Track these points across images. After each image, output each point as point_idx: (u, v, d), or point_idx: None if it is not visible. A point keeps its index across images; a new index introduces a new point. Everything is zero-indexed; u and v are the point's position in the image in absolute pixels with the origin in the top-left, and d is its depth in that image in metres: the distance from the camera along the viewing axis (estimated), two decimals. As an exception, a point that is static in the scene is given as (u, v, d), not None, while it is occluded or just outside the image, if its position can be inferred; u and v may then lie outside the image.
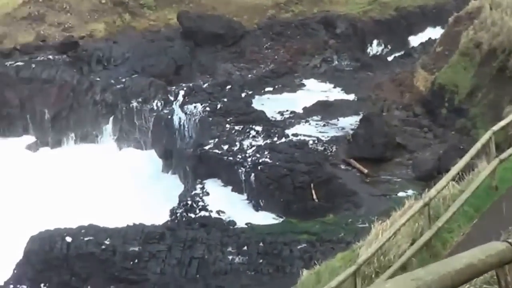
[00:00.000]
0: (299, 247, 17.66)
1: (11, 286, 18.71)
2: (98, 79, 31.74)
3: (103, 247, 18.86)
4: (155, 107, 29.79)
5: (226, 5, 35.17)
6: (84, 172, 28.08)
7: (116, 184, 26.73)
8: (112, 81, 31.50)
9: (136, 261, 18.56)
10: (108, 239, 19.06)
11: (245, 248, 18.17)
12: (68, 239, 19.09)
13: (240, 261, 17.91)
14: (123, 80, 31.41)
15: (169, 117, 27.81)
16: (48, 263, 18.76)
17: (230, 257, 18.06)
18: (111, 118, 30.77)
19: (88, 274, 18.54)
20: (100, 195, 25.42)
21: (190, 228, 19.40)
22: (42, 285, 18.63)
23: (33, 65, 32.11)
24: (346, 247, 12.43)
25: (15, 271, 19.02)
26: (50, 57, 33.27)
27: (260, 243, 18.19)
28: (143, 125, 29.99)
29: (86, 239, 19.11)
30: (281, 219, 20.19)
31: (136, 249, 18.73)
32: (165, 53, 32.81)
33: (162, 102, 29.75)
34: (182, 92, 28.11)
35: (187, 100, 27.47)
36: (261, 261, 17.67)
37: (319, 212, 19.63)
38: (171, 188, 26.01)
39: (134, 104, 30.27)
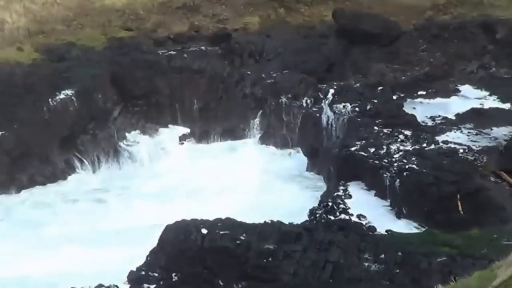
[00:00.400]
0: (438, 259, 16.94)
1: (143, 272, 18.85)
2: (249, 72, 31.79)
3: (238, 242, 18.68)
4: (304, 104, 29.58)
5: (382, 4, 34.46)
6: (228, 165, 28.28)
7: (258, 179, 26.78)
8: (263, 75, 31.49)
9: (270, 259, 18.29)
10: (244, 235, 18.87)
11: (383, 256, 17.59)
12: (204, 231, 19.01)
13: (376, 268, 17.37)
14: (274, 75, 31.35)
15: (318, 115, 27.50)
16: (181, 253, 18.77)
17: (366, 264, 17.54)
18: (259, 113, 30.78)
19: (220, 268, 18.42)
20: (240, 190, 25.54)
21: (328, 231, 18.97)
22: (173, 274, 18.63)
23: (185, 55, 32.51)
24: (487, 265, 11.75)
25: (149, 258, 19.16)
26: (203, 48, 33.61)
27: (399, 252, 17.57)
28: (291, 121, 29.85)
29: (221, 232, 18.98)
30: (423, 229, 19.52)
31: (271, 247, 18.45)
32: (318, 50, 32.51)
33: (312, 99, 29.50)
34: (332, 91, 27.74)
35: (336, 99, 27.07)
36: (397, 271, 17.06)
37: (463, 225, 18.81)
38: (313, 187, 25.81)
39: (284, 99, 30.17)
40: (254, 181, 26.40)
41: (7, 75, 30.43)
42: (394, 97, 27.40)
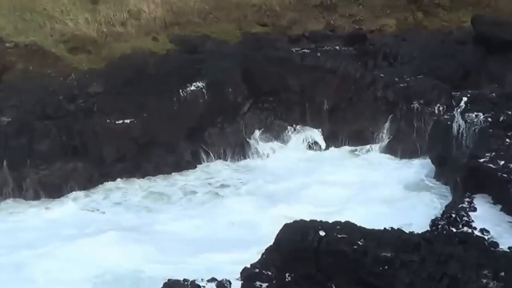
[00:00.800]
0: (563, 281, 16.39)
1: (257, 270, 18.87)
2: (382, 75, 31.46)
3: (355, 247, 18.49)
4: (436, 111, 29.12)
5: (525, 12, 33.65)
6: (353, 169, 28.16)
7: (384, 185, 26.51)
8: (396, 79, 31.10)
9: (386, 267, 18.05)
10: (362, 240, 18.66)
11: (502, 273, 17.12)
12: (322, 233, 18.92)
13: (493, 286, 16.87)
14: (407, 79, 30.92)
15: (449, 123, 26.92)
16: (297, 253, 18.69)
17: (484, 281, 17.04)
18: (389, 117, 30.45)
19: (334, 272, 18.28)
20: (364, 196, 25.34)
21: (448, 243, 18.55)
22: (287, 274, 18.56)
23: (319, 54, 32.46)
24: None
25: (264, 256, 19.19)
26: (337, 47, 33.47)
27: (520, 270, 17.07)
28: (421, 127, 29.42)
29: (339, 236, 18.85)
30: (550, 248, 18.87)
31: (388, 255, 18.20)
32: (454, 57, 31.87)
33: (444, 106, 29.00)
34: (465, 99, 27.08)
35: (469, 107, 26.41)
36: (517, 290, 16.60)
37: None
38: (439, 197, 25.31)
39: (415, 105, 29.75)
40: (379, 188, 26.10)
41: (141, 64, 31.16)
42: (530, 110, 26.50)
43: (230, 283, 19.00)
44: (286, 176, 28.33)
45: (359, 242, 18.65)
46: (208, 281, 18.93)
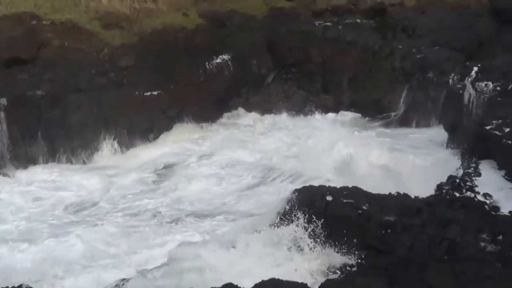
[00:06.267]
0: (557, 247, 15.81)
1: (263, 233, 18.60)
2: (400, 47, 30.85)
3: (360, 212, 18.11)
4: (450, 81, 28.43)
5: (540, -14, 32.59)
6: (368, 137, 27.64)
7: (396, 151, 26.01)
8: (414, 50, 30.48)
9: (389, 231, 17.64)
10: (367, 205, 18.27)
11: (500, 237, 16.57)
12: (329, 198, 18.55)
13: (491, 250, 16.33)
14: (424, 50, 30.26)
15: (461, 92, 26.24)
16: (303, 218, 18.37)
17: (483, 244, 16.53)
18: (406, 86, 29.87)
19: (340, 235, 17.93)
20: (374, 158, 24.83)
21: (450, 207, 17.99)
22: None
23: (340, 27, 31.95)
24: None
25: (271, 220, 18.89)
26: (358, 20, 32.97)
27: (518, 235, 16.51)
28: (436, 97, 28.79)
29: (345, 201, 18.46)
30: (551, 212, 18.22)
31: (391, 219, 17.78)
32: (470, 29, 31.11)
33: (459, 76, 28.27)
34: (475, 69, 26.38)
35: (479, 77, 25.73)
36: (512, 254, 16.05)
37: None
38: (449, 163, 24.69)
39: (431, 75, 29.10)
40: (392, 153, 25.58)
41: (171, 39, 30.93)
42: (540, 79, 25.71)
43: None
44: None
45: (363, 207, 18.25)
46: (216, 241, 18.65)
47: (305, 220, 18.39)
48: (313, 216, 18.40)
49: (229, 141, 28.35)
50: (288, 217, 18.80)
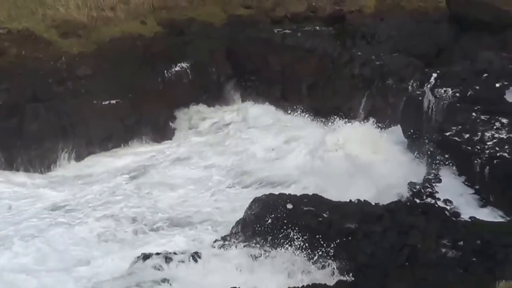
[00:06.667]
0: (516, 251, 15.82)
1: (227, 242, 18.47)
2: (359, 53, 30.86)
3: (320, 219, 18.02)
4: (409, 88, 28.42)
5: (497, -7, 32.83)
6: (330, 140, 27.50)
7: (356, 157, 25.89)
8: (373, 57, 30.51)
9: (350, 238, 17.57)
10: (327, 213, 18.19)
11: (461, 243, 16.56)
12: (289, 206, 18.45)
13: (452, 255, 16.34)
14: (383, 57, 30.28)
15: (420, 98, 26.27)
16: (265, 226, 18.25)
17: (444, 250, 16.54)
18: (366, 93, 29.87)
19: (301, 243, 17.81)
20: (336, 165, 24.74)
21: (411, 214, 17.96)
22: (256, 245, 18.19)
23: (299, 34, 31.91)
24: None
25: (233, 229, 18.81)
26: (317, 28, 32.96)
27: (478, 240, 16.49)
28: (395, 103, 28.79)
29: (306, 208, 18.39)
30: (507, 218, 18.23)
31: (352, 226, 17.72)
32: (429, 35, 31.27)
33: (418, 83, 28.26)
34: (434, 75, 26.44)
35: (438, 83, 25.78)
36: (473, 259, 16.01)
37: (549, 216, 17.55)
38: (409, 169, 24.68)
39: (390, 82, 29.11)
40: (352, 159, 25.50)
41: (129, 47, 30.66)
42: (498, 85, 25.76)
43: (201, 255, 18.48)
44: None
45: (324, 215, 18.18)
46: (180, 253, 18.45)
47: (266, 230, 18.31)
48: (274, 224, 18.32)
49: (197, 147, 28.22)
50: (249, 227, 18.70)
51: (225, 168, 26.47)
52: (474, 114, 22.96)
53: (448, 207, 19.07)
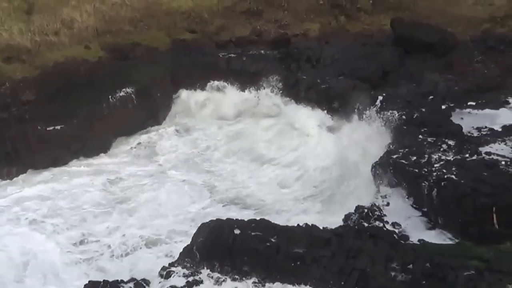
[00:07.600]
0: (466, 273, 15.72)
1: (174, 268, 18.14)
2: (304, 77, 30.70)
3: (268, 244, 17.79)
4: (355, 110, 28.39)
5: (441, 15, 33.14)
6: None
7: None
8: (318, 80, 30.32)
9: (298, 263, 17.35)
10: (275, 237, 17.97)
11: (411, 266, 16.45)
12: (237, 231, 18.23)
13: (402, 279, 16.24)
14: (329, 80, 30.17)
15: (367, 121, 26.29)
16: (212, 252, 17.98)
17: (393, 273, 16.43)
18: (312, 117, 29.71)
19: (249, 268, 17.57)
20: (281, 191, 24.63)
21: (359, 237, 17.85)
22: (203, 272, 17.94)
23: (244, 58, 31.71)
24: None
25: (181, 255, 18.49)
26: (262, 51, 32.82)
27: (427, 263, 16.41)
28: (341, 127, 28.72)
29: (253, 233, 18.15)
30: (456, 240, 18.21)
31: (300, 251, 17.52)
32: (374, 58, 31.25)
33: (363, 105, 28.30)
34: (380, 98, 26.48)
35: (384, 106, 25.82)
36: (423, 282, 15.92)
37: (496, 238, 17.50)
38: (355, 192, 24.59)
39: (336, 105, 28.99)
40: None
41: (72, 72, 30.18)
42: (443, 107, 25.94)
43: (149, 282, 18.15)
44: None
45: (272, 239, 17.96)
46: (128, 281, 18.07)
47: (213, 256, 18.06)
48: (221, 250, 18.09)
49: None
50: (196, 254, 18.44)
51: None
52: (420, 136, 23.06)
53: (396, 230, 19.02)
